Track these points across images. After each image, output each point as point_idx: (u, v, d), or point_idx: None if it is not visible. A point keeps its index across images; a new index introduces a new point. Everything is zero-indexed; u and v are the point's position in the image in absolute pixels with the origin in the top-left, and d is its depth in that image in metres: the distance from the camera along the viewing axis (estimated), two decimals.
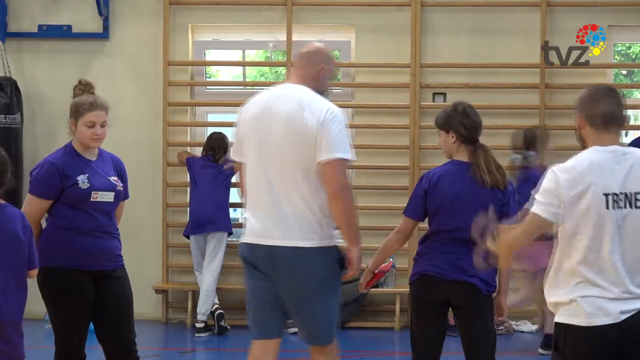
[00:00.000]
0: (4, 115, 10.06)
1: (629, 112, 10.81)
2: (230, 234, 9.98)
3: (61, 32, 10.51)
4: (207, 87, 10.98)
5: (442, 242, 5.47)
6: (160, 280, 10.41)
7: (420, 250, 5.57)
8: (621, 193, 4.12)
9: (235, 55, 11.53)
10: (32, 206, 5.62)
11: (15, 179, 5.61)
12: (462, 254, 5.40)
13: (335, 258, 5.27)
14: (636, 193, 4.11)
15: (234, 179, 10.10)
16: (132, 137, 10.35)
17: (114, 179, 5.74)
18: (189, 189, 10.23)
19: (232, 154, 5.60)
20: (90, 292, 5.69)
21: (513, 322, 9.98)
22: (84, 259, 5.65)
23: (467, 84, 10.29)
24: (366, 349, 9.44)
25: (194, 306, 9.95)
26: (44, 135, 10.49)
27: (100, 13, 10.40)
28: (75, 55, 10.51)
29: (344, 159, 5.20)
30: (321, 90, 5.47)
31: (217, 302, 9.85)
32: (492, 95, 10.27)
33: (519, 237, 4.26)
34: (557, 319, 4.19)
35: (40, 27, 10.51)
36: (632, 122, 10.30)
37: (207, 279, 9.76)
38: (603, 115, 4.24)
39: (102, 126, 5.69)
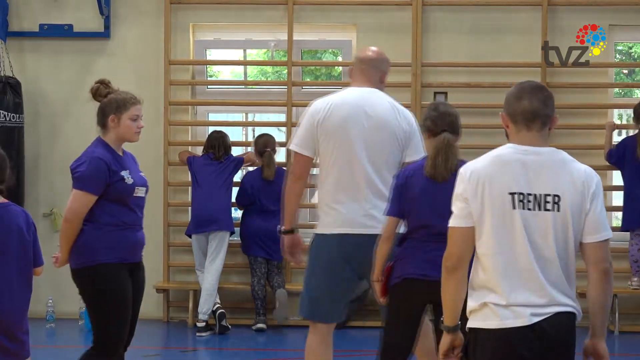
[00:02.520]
0: (6, 115, 10.06)
1: (630, 111, 10.81)
2: (232, 233, 9.99)
3: (62, 32, 10.51)
4: (208, 87, 10.98)
5: (421, 240, 5.44)
6: (161, 279, 10.40)
7: (400, 252, 5.52)
8: (529, 194, 3.98)
9: (236, 54, 11.54)
10: (81, 202, 5.65)
11: (16, 178, 5.64)
12: (439, 250, 5.35)
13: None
14: (545, 195, 3.99)
15: (235, 178, 10.11)
16: None
17: (142, 174, 5.87)
18: (190, 188, 10.24)
19: (304, 149, 6.03)
20: (130, 283, 5.80)
21: None
22: (128, 252, 5.78)
23: (468, 84, 10.29)
24: (367, 348, 9.44)
25: (195, 305, 9.94)
26: (46, 135, 10.49)
27: (101, 12, 10.40)
28: (77, 54, 10.51)
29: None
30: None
31: (219, 301, 9.85)
32: (493, 95, 10.25)
33: (458, 254, 4.07)
34: (468, 325, 4.06)
35: (41, 26, 10.51)
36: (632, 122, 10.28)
37: (209, 278, 9.76)
38: (524, 112, 4.10)
39: (141, 119, 5.86)
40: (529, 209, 3.97)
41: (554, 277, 3.97)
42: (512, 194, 3.99)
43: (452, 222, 4.08)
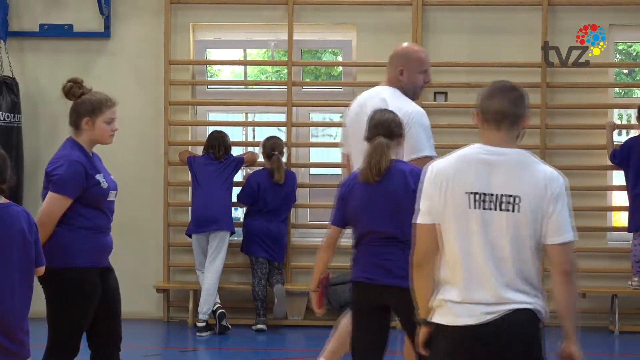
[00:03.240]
0: (6, 114, 10.06)
1: (630, 111, 10.81)
2: (232, 233, 9.98)
3: (62, 32, 10.51)
4: (209, 86, 10.98)
5: (369, 244, 5.46)
6: (161, 279, 10.41)
7: (353, 256, 5.55)
8: (488, 194, 4.05)
9: (236, 54, 11.54)
10: (57, 205, 5.58)
11: (15, 178, 5.60)
12: (387, 254, 5.40)
13: None
14: (502, 195, 4.03)
15: (236, 178, 10.12)
16: (133, 136, 10.34)
17: (112, 177, 5.80)
18: (190, 188, 10.24)
19: (342, 146, 6.53)
20: (100, 288, 5.73)
21: None
22: (100, 256, 5.72)
23: (468, 83, 10.29)
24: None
25: (195, 305, 9.94)
26: (45, 135, 10.49)
27: (101, 12, 10.40)
28: (77, 54, 10.51)
29: (429, 157, 5.85)
30: (407, 89, 6.26)
31: (219, 301, 9.85)
32: None
33: (424, 251, 4.15)
34: (431, 318, 4.15)
35: (41, 26, 10.51)
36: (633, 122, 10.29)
37: (209, 278, 9.76)
38: (493, 112, 4.15)
39: (115, 122, 5.79)
40: (488, 209, 4.04)
41: (509, 277, 4.03)
42: (470, 193, 4.06)
43: (418, 219, 4.17)
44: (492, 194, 4.04)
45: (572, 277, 4.07)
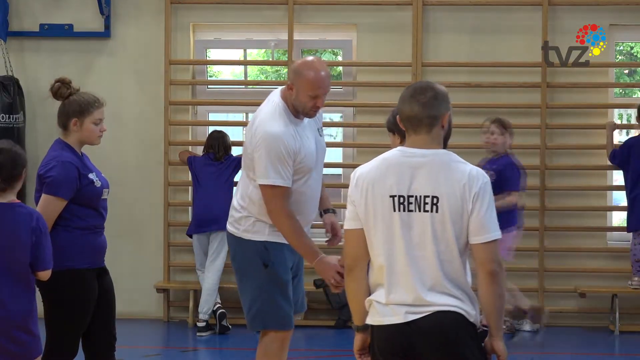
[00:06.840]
0: (6, 115, 10.05)
1: (630, 111, 10.81)
2: None
3: (63, 31, 10.51)
4: (209, 86, 10.98)
5: None
6: (161, 279, 10.41)
7: None
8: (410, 196, 4.06)
9: (236, 54, 11.54)
10: (52, 207, 5.55)
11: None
12: None
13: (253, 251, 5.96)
14: (423, 196, 4.05)
15: (236, 178, 10.12)
16: (133, 136, 10.35)
17: (103, 175, 5.81)
18: (190, 188, 10.25)
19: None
20: (96, 291, 5.73)
21: (515, 321, 9.97)
22: (96, 257, 5.72)
23: (468, 83, 10.29)
24: None
25: (196, 305, 9.95)
26: (45, 135, 10.48)
27: (101, 12, 10.40)
28: (77, 54, 10.51)
29: (273, 185, 5.92)
30: (296, 106, 5.98)
31: (219, 301, 9.86)
32: (494, 94, 10.27)
33: (353, 255, 4.20)
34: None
35: (41, 26, 10.51)
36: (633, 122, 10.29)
37: (210, 277, 9.76)
38: (408, 117, 4.16)
39: (103, 122, 5.77)
40: (410, 211, 4.06)
41: (434, 279, 4.05)
42: (393, 196, 4.08)
43: (345, 224, 4.21)
44: (413, 196, 4.06)
45: (497, 277, 4.07)
